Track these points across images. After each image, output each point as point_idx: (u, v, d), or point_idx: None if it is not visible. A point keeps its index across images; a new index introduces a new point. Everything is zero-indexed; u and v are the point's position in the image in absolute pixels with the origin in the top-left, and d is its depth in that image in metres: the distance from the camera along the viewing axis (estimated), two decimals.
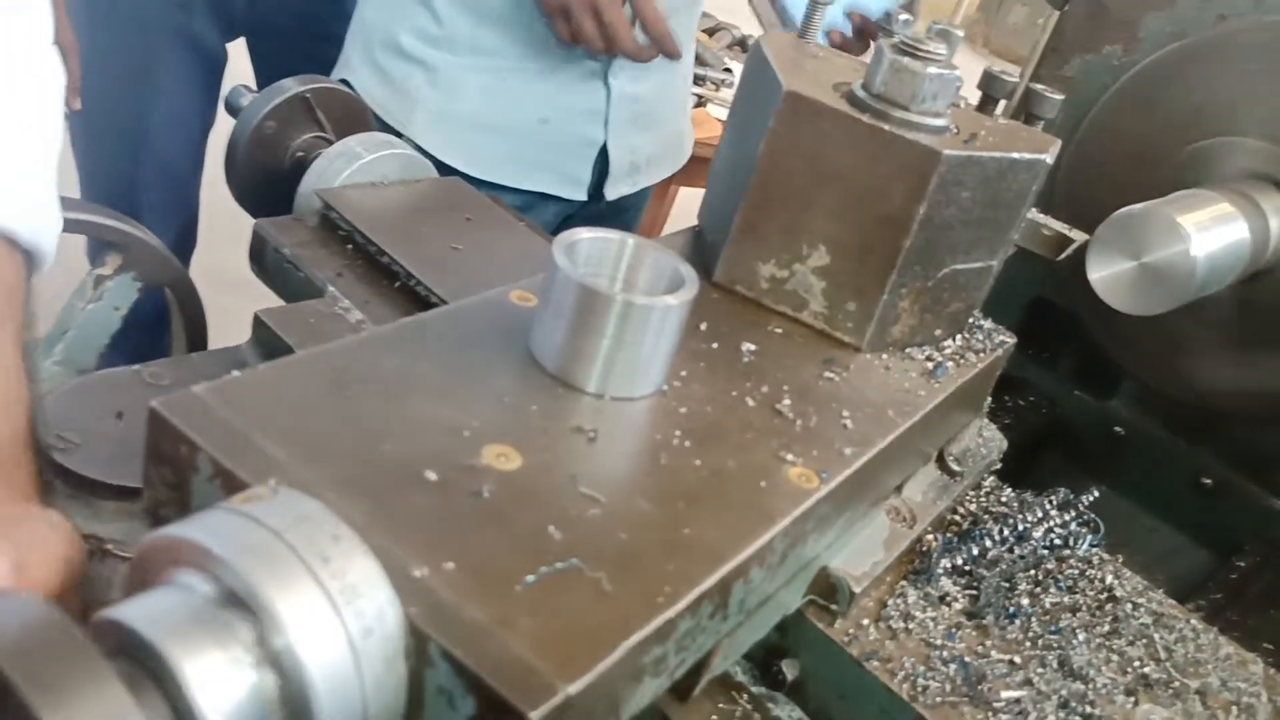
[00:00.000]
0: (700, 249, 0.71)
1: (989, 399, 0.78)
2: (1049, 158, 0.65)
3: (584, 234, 0.53)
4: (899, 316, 0.65)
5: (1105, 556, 0.72)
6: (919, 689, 0.58)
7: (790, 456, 0.53)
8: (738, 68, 2.65)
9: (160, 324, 0.92)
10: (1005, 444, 0.78)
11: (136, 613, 0.34)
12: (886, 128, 0.60)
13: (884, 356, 0.65)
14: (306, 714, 0.36)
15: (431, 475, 0.43)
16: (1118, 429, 1.19)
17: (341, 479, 0.41)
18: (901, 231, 0.61)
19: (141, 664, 0.34)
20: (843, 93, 0.63)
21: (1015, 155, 0.62)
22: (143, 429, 0.46)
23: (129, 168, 1.69)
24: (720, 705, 0.60)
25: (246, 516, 0.37)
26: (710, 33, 2.86)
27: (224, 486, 0.41)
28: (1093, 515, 0.71)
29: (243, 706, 0.35)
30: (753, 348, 0.61)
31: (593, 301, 0.50)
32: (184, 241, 1.80)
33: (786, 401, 0.57)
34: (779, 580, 0.53)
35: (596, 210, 1.55)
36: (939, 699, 0.58)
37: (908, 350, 0.67)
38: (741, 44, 2.95)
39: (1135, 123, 0.95)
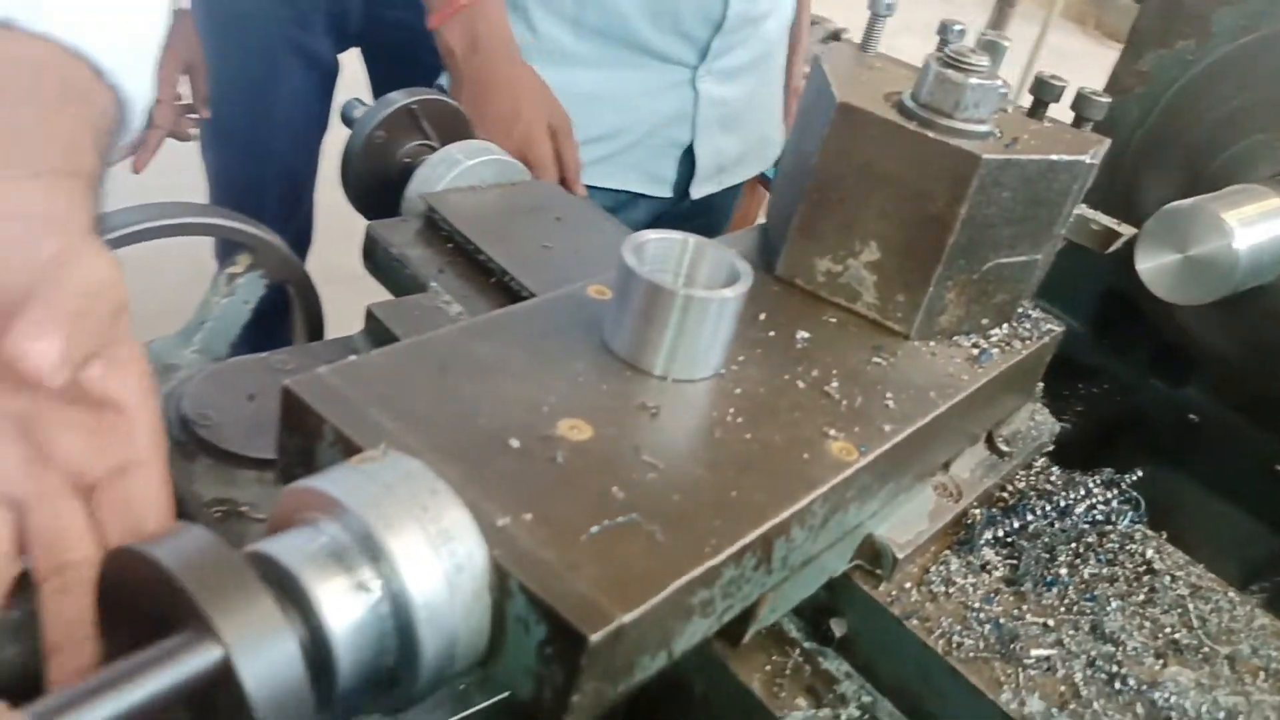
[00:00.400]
0: (766, 245, 0.77)
1: (1041, 384, 0.83)
2: (1089, 158, 0.69)
3: (650, 235, 0.60)
4: (946, 307, 0.70)
5: (1148, 533, 0.77)
6: (954, 645, 0.64)
7: (833, 432, 0.59)
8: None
9: (283, 316, 1.02)
10: (1057, 427, 0.83)
11: (278, 546, 0.43)
12: (930, 134, 0.66)
13: (931, 344, 0.71)
14: (411, 635, 0.44)
15: (514, 443, 0.51)
16: (1192, 416, 1.22)
17: (439, 445, 0.49)
18: (946, 230, 0.67)
19: (282, 587, 0.42)
20: (893, 102, 0.69)
21: (1054, 157, 0.68)
22: (271, 408, 0.54)
23: (252, 173, 1.82)
24: (774, 657, 0.67)
25: (363, 473, 0.45)
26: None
27: (343, 451, 0.50)
28: (1135, 493, 0.76)
29: (361, 626, 0.43)
30: (807, 335, 0.67)
31: (657, 295, 0.57)
32: (300, 240, 1.93)
33: (834, 384, 0.63)
34: (822, 542, 0.59)
35: (684, 209, 1.62)
36: (972, 655, 0.63)
37: (955, 338, 0.72)
38: (836, 36, 2.98)
39: (1192, 118, 0.98)
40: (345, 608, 0.43)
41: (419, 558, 0.44)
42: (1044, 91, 0.75)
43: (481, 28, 1.29)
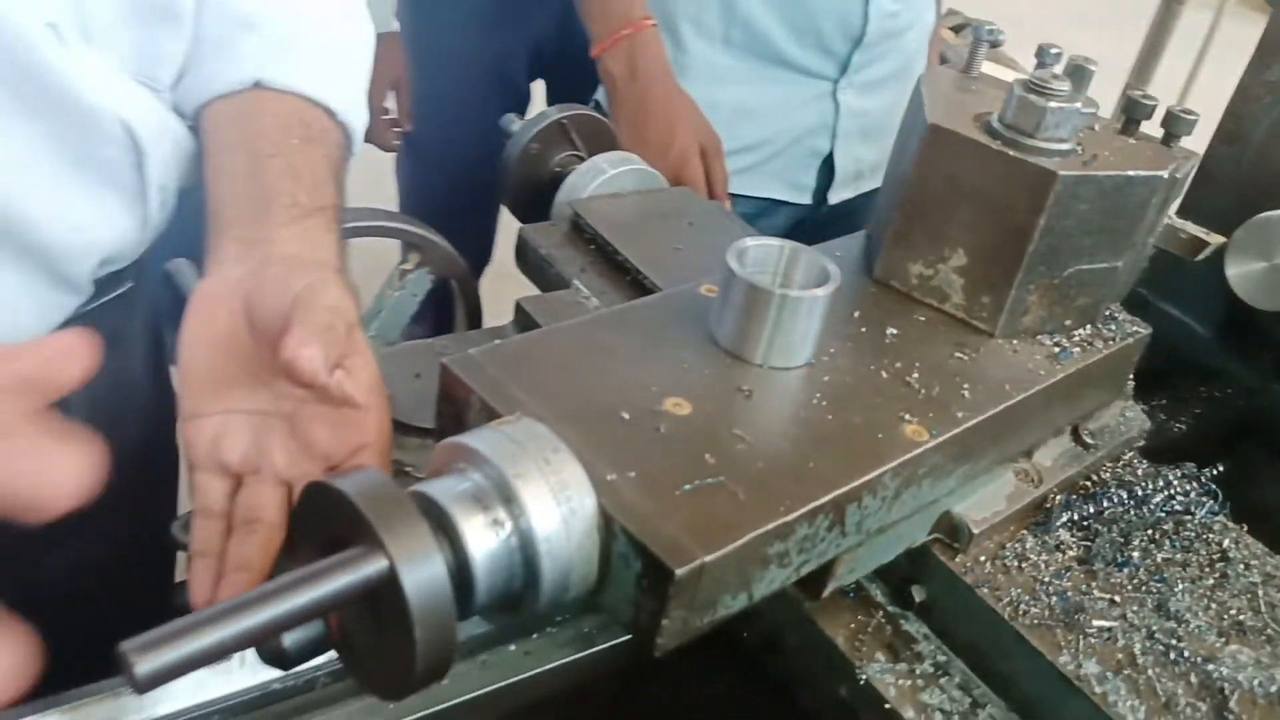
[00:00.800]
0: (868, 250, 0.86)
1: (1132, 382, 0.88)
2: (1166, 173, 0.75)
3: (751, 242, 0.69)
4: (1029, 308, 0.77)
5: (1228, 525, 0.81)
6: (1020, 612, 0.71)
7: (908, 416, 0.67)
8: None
9: (447, 308, 1.16)
10: (1148, 424, 0.88)
11: (434, 488, 0.54)
12: (1012, 153, 0.73)
13: (1014, 342, 0.78)
14: (534, 564, 0.55)
15: (625, 415, 0.61)
16: None
17: (563, 414, 0.60)
18: (1026, 238, 0.74)
19: (436, 519, 0.53)
20: (981, 123, 0.76)
21: (1131, 172, 0.74)
22: (433, 386, 0.66)
23: (443, 186, 1.99)
24: (859, 617, 0.76)
25: (500, 434, 0.56)
26: (956, 30, 2.91)
27: (486, 416, 0.61)
28: (1214, 486, 0.81)
29: (495, 556, 0.54)
30: (895, 331, 0.75)
31: (756, 294, 0.67)
32: (483, 252, 2.07)
33: (915, 375, 0.71)
34: (896, 513, 0.67)
35: (822, 215, 1.69)
36: (1037, 622, 0.70)
37: (1038, 337, 0.79)
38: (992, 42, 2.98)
39: None
40: (483, 539, 0.54)
41: (542, 502, 0.54)
42: (1135, 110, 0.80)
43: (640, 56, 1.40)
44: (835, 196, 1.67)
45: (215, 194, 0.73)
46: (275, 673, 0.73)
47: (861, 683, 0.72)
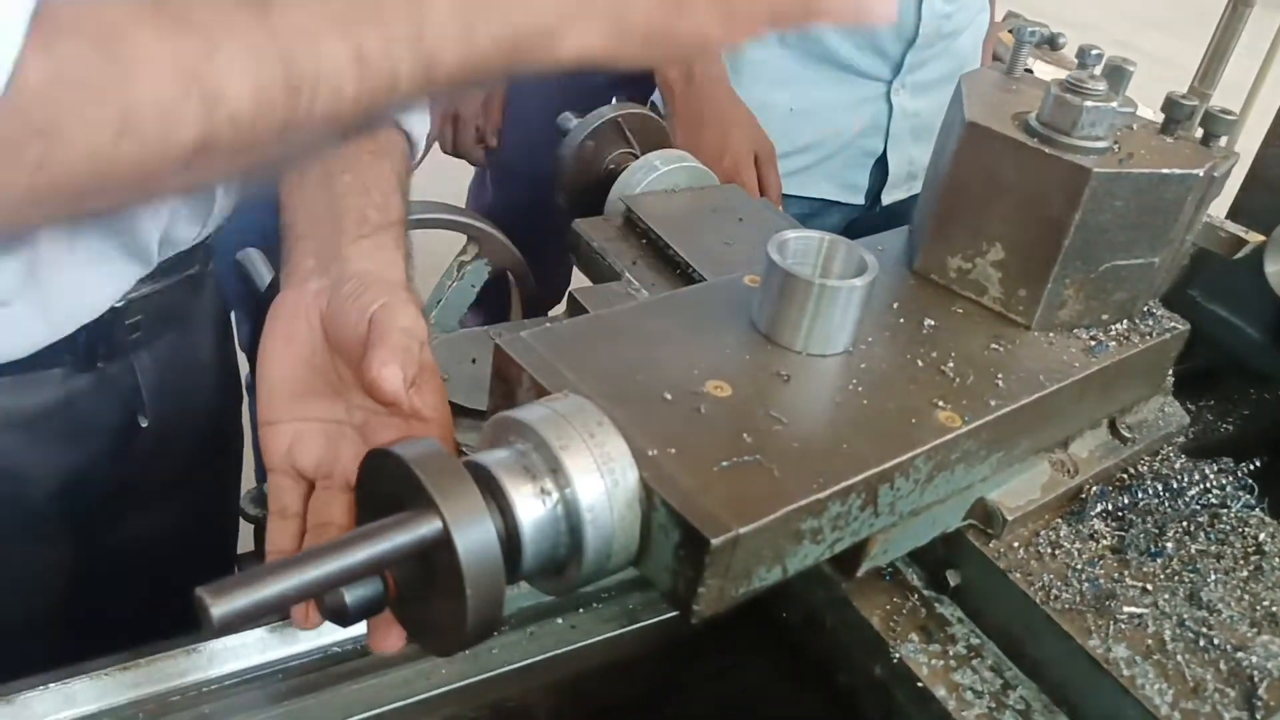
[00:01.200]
0: (909, 244, 0.88)
1: (1171, 377, 0.89)
2: (1202, 171, 0.76)
3: (791, 234, 0.72)
4: (1065, 302, 0.79)
5: (1265, 519, 0.82)
6: (1051, 597, 0.73)
7: (942, 403, 0.69)
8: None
9: (503, 297, 1.20)
10: (1187, 419, 0.89)
11: (486, 457, 0.58)
12: (1048, 150, 0.75)
13: (1050, 335, 0.79)
14: (578, 532, 0.58)
15: (668, 395, 0.65)
16: None
17: (609, 392, 0.63)
18: (1062, 233, 0.76)
19: (487, 487, 0.57)
20: (1019, 122, 0.78)
21: (1165, 170, 0.75)
22: (489, 370, 0.70)
23: (528, 201, 2.02)
24: (894, 599, 0.78)
25: (549, 409, 0.60)
26: (1014, 31, 2.89)
27: (535, 393, 0.64)
28: (1250, 480, 0.82)
29: (542, 523, 0.58)
30: (933, 322, 0.77)
31: (795, 284, 0.70)
32: (566, 267, 2.05)
33: (951, 364, 0.73)
34: (930, 496, 0.70)
35: (875, 215, 1.70)
36: (1068, 606, 0.72)
37: (1074, 331, 0.80)
38: (1051, 42, 2.96)
39: None
40: (531, 507, 0.57)
41: (587, 474, 0.58)
42: (1174, 110, 0.82)
43: (697, 65, 1.43)
44: (889, 197, 1.68)
45: (289, 205, 0.78)
46: (335, 636, 0.77)
47: (895, 661, 0.74)
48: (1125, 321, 0.82)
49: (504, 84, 1.92)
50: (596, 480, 0.58)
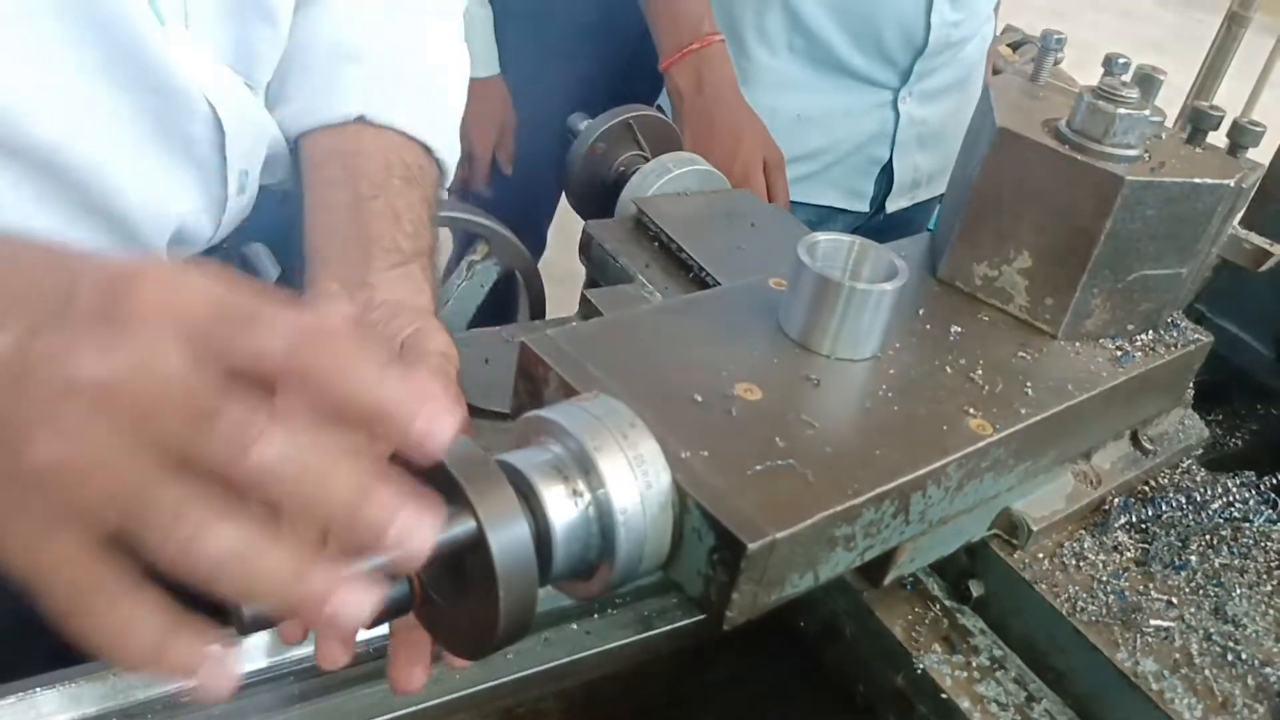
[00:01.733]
0: (933, 250, 0.87)
1: (1192, 391, 0.89)
2: (1233, 182, 0.76)
3: (821, 236, 0.71)
4: (1092, 311, 0.78)
5: None
6: (1077, 609, 0.72)
7: (972, 411, 0.68)
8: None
9: (512, 298, 1.19)
10: (1206, 432, 0.89)
11: (517, 458, 0.56)
12: (1080, 157, 0.74)
13: (1077, 344, 0.79)
14: (610, 535, 0.57)
15: (698, 397, 0.63)
16: None
17: (639, 394, 0.62)
18: (1091, 242, 0.75)
19: (519, 487, 0.55)
20: (1049, 128, 0.78)
21: (1196, 180, 0.75)
22: (501, 372, 0.69)
23: (539, 219, 2.02)
24: (916, 609, 0.77)
25: (579, 408, 0.59)
26: (1014, 47, 2.91)
27: (564, 393, 0.63)
28: (1273, 495, 0.81)
29: (574, 525, 0.56)
30: (960, 330, 0.77)
31: (826, 287, 0.69)
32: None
33: (979, 371, 0.72)
34: (959, 505, 0.69)
35: (879, 223, 1.70)
36: (1094, 619, 0.71)
37: (1101, 340, 0.80)
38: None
39: None
40: (563, 508, 0.56)
41: (619, 475, 0.56)
42: (1201, 120, 0.81)
43: (706, 71, 1.42)
44: (893, 205, 1.68)
45: (315, 227, 0.76)
46: None
47: (919, 672, 0.73)
48: (1151, 332, 0.82)
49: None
50: (630, 482, 0.56)
